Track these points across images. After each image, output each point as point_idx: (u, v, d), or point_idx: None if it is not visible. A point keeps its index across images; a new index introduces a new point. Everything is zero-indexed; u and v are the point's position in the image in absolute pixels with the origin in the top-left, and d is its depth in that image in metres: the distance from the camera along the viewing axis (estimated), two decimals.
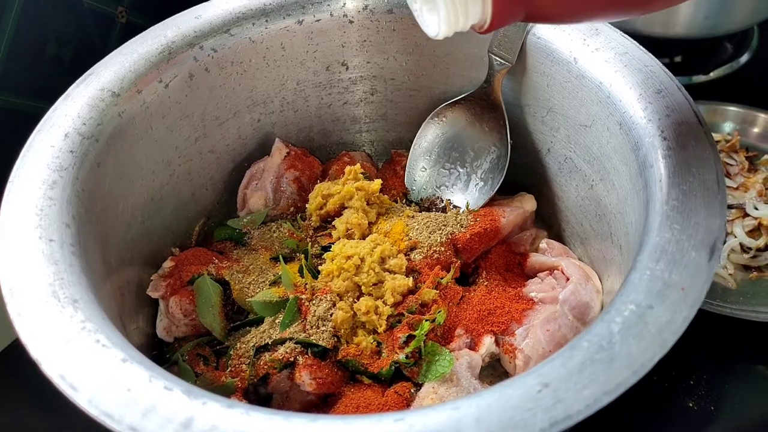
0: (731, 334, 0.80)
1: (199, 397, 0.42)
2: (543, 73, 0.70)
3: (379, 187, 0.73)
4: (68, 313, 0.47)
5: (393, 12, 0.76)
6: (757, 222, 0.86)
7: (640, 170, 0.57)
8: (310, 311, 0.64)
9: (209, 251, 0.73)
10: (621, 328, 0.44)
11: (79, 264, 0.52)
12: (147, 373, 0.44)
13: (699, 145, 0.54)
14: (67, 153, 0.59)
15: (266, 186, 0.78)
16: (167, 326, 0.68)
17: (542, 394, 0.41)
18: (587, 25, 0.67)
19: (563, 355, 0.43)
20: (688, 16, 1.03)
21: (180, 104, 0.71)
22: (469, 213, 0.73)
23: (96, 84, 0.65)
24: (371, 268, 0.65)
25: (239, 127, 0.79)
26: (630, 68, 0.62)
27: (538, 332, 0.63)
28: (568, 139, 0.70)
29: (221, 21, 0.73)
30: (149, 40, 0.70)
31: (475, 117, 0.77)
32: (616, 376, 0.42)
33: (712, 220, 0.49)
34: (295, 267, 0.69)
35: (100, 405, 0.42)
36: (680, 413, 0.74)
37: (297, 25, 0.76)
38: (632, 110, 0.59)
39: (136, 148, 0.67)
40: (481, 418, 0.40)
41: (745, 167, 0.93)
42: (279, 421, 0.41)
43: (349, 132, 0.88)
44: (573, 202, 0.73)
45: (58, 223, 0.54)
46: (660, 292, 0.46)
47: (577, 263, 0.69)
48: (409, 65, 0.81)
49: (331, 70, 0.81)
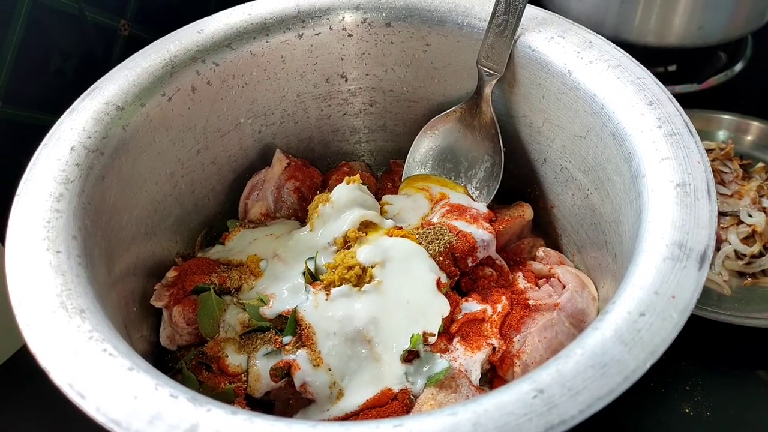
0: (727, 340, 0.81)
1: (204, 404, 0.44)
2: (538, 85, 0.71)
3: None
4: (76, 323, 0.48)
5: (391, 25, 0.78)
6: (751, 229, 0.87)
7: (633, 180, 0.58)
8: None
9: (212, 261, 0.74)
10: (613, 335, 0.45)
11: (85, 275, 0.53)
12: (153, 381, 0.45)
13: (690, 156, 0.56)
14: (73, 166, 0.60)
15: (267, 196, 0.79)
16: (170, 335, 0.69)
17: (537, 400, 0.42)
18: (581, 38, 0.68)
19: (558, 361, 0.44)
20: (682, 26, 1.04)
21: (183, 117, 0.72)
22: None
23: (101, 98, 0.66)
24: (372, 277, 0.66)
25: (240, 139, 0.80)
26: (623, 80, 0.63)
27: (535, 339, 0.64)
28: (564, 150, 0.72)
29: (223, 35, 0.74)
30: (152, 54, 0.71)
31: (468, 127, 0.78)
32: (609, 382, 0.43)
33: (702, 230, 0.50)
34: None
35: (108, 412, 0.43)
36: (677, 419, 0.75)
37: (297, 39, 0.77)
38: (625, 121, 0.61)
39: (139, 160, 0.68)
40: (477, 423, 0.41)
41: (739, 175, 0.95)
42: (282, 427, 0.42)
43: (349, 142, 0.89)
44: (569, 211, 0.74)
45: (65, 234, 0.55)
46: (651, 300, 0.47)
47: (573, 271, 0.70)
48: (407, 77, 0.82)
49: (330, 82, 0.82)
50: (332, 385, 0.62)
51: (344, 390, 0.62)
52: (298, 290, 0.68)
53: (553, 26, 0.71)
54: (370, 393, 0.62)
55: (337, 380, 0.62)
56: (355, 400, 0.62)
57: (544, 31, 0.70)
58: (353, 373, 0.63)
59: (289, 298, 0.68)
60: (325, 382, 0.62)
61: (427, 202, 0.78)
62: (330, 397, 0.62)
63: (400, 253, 0.68)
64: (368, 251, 0.68)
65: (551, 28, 0.70)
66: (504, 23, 0.70)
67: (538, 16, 0.72)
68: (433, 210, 0.76)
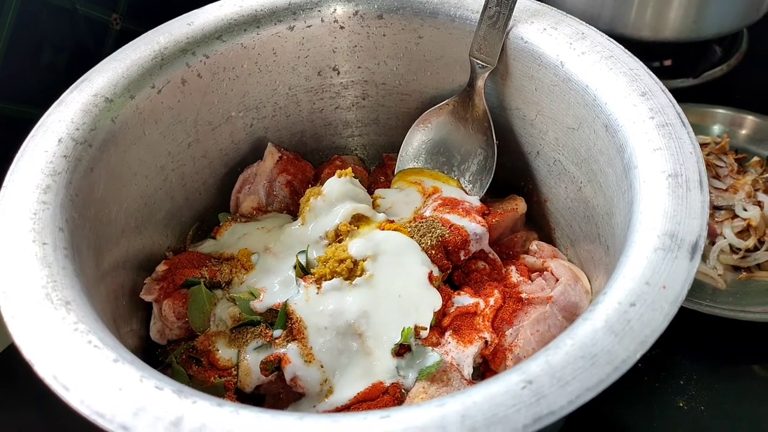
0: (721, 334, 0.81)
1: (189, 396, 0.43)
2: (531, 76, 0.71)
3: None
4: (61, 315, 0.48)
5: (383, 17, 0.77)
6: (746, 223, 0.87)
7: (625, 172, 0.57)
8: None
9: (202, 255, 0.74)
10: (603, 325, 0.45)
11: (72, 267, 0.53)
12: (138, 373, 0.45)
13: (682, 147, 0.55)
14: (61, 158, 0.59)
15: (259, 190, 0.79)
16: (160, 329, 0.69)
17: (526, 391, 0.42)
18: (574, 30, 0.68)
19: (547, 352, 0.44)
20: (677, 20, 1.04)
21: (173, 110, 0.72)
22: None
23: (89, 90, 0.65)
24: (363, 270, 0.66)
25: (232, 132, 0.80)
26: (615, 71, 0.63)
27: (528, 333, 0.64)
28: (557, 142, 0.71)
29: (213, 27, 0.74)
30: (142, 46, 0.71)
31: (460, 120, 0.78)
32: (599, 373, 0.42)
33: (693, 220, 0.50)
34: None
35: (92, 404, 0.43)
36: (671, 413, 0.74)
37: (288, 31, 0.77)
38: (617, 113, 0.60)
39: (129, 153, 0.67)
40: (466, 414, 0.41)
41: (734, 169, 0.94)
42: (267, 419, 0.42)
43: (341, 136, 0.89)
44: (562, 204, 0.74)
45: (51, 226, 0.54)
46: (642, 291, 0.46)
47: (566, 264, 0.70)
48: (399, 70, 0.82)
49: (322, 75, 0.82)
50: (324, 382, 0.62)
51: (335, 385, 0.62)
52: (289, 284, 0.68)
53: (545, 18, 0.70)
54: (361, 387, 0.61)
55: (328, 377, 0.62)
56: (346, 394, 0.61)
57: (537, 22, 0.70)
58: (344, 367, 0.62)
59: (280, 291, 0.68)
60: (317, 378, 0.62)
61: (420, 196, 0.77)
62: (321, 392, 0.62)
63: (392, 246, 0.68)
64: (360, 245, 0.67)
65: (543, 20, 0.70)
66: (496, 15, 0.70)
67: (530, 8, 0.72)
68: (426, 203, 0.75)
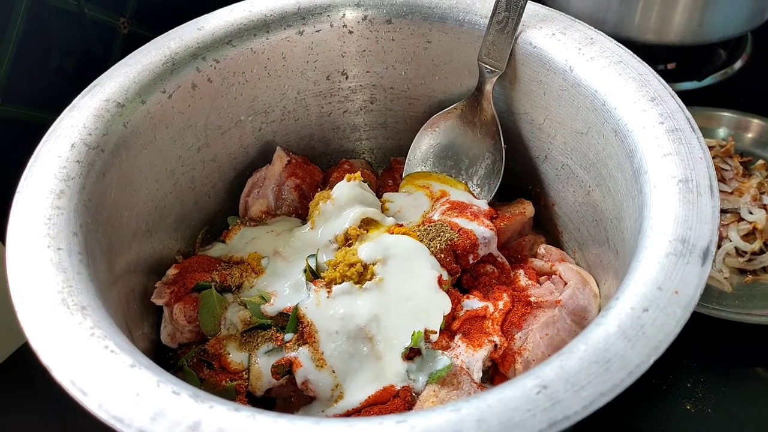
0: (728, 337, 0.81)
1: (206, 401, 0.43)
2: (540, 81, 0.71)
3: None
4: (77, 320, 0.48)
5: (392, 22, 0.78)
6: (751, 226, 0.87)
7: (635, 176, 0.58)
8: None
9: (213, 258, 0.74)
10: (617, 330, 0.45)
11: (86, 272, 0.53)
12: (155, 378, 0.45)
13: (692, 152, 0.56)
14: (74, 163, 0.60)
15: (268, 194, 0.79)
16: (171, 333, 0.69)
17: (541, 396, 0.42)
18: (582, 35, 0.68)
19: (561, 357, 0.44)
20: (682, 24, 1.05)
21: (183, 114, 0.72)
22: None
23: (101, 95, 0.66)
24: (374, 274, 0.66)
25: (241, 136, 0.80)
26: (624, 76, 0.63)
27: (537, 336, 0.64)
28: (565, 146, 0.71)
29: (223, 32, 0.74)
30: (153, 51, 0.71)
31: (468, 125, 0.78)
32: (613, 378, 0.43)
33: (704, 225, 0.50)
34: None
35: (110, 409, 0.43)
36: (678, 416, 0.75)
37: (297, 36, 0.77)
38: (627, 117, 0.61)
39: (140, 157, 0.68)
40: (481, 419, 0.41)
41: (739, 172, 0.95)
42: (284, 423, 0.42)
43: (349, 140, 0.89)
44: (570, 208, 0.74)
45: (66, 231, 0.55)
46: (654, 296, 0.47)
47: (574, 268, 0.70)
48: (408, 74, 0.82)
49: (331, 80, 0.82)
50: (335, 387, 0.62)
51: (346, 388, 0.62)
52: (300, 288, 0.68)
53: (554, 23, 0.71)
54: (372, 390, 0.62)
55: (340, 382, 0.62)
56: (357, 398, 0.62)
57: (545, 27, 0.70)
58: (355, 371, 0.63)
59: (290, 295, 0.68)
60: (329, 383, 0.62)
61: (428, 200, 0.77)
62: (332, 396, 0.62)
63: (402, 250, 0.68)
64: (369, 248, 0.68)
65: (552, 25, 0.70)
66: (505, 20, 0.70)
67: (539, 13, 0.72)
68: (434, 207, 0.76)
